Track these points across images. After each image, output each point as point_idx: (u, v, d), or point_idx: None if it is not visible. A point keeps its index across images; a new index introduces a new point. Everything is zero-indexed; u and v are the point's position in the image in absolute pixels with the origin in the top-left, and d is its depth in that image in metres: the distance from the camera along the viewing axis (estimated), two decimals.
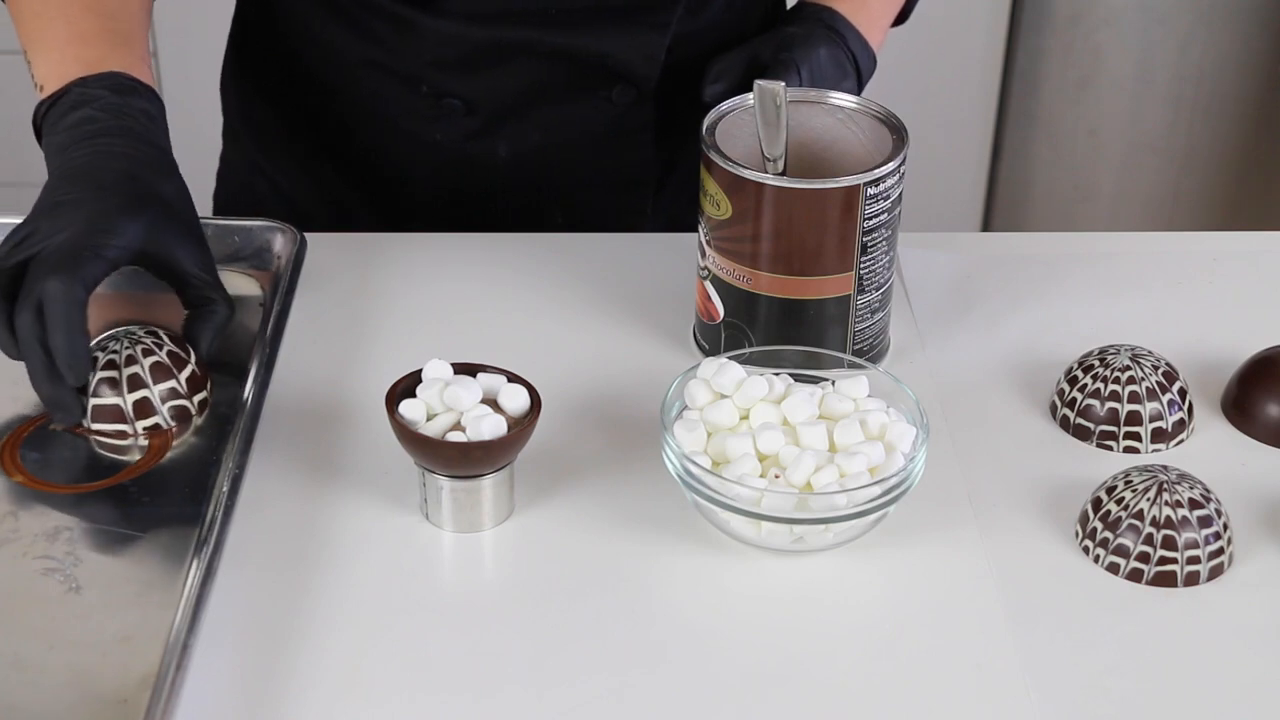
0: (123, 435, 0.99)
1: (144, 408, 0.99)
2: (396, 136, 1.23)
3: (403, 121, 1.21)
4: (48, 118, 1.04)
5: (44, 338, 0.95)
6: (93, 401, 0.98)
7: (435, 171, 1.23)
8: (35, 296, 0.95)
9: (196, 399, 1.00)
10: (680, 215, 1.24)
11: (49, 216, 0.98)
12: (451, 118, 1.20)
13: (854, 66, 1.20)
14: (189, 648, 0.83)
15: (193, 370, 1.00)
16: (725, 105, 1.05)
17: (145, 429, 0.99)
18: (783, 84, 1.00)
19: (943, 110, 2.51)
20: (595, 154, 1.23)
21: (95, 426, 0.99)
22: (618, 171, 1.24)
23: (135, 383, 0.98)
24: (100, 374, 0.98)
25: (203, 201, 1.33)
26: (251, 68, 1.29)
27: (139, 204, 1.00)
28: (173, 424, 0.99)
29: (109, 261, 0.97)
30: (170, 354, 1.00)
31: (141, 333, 1.00)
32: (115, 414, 0.98)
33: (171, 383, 0.99)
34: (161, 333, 1.01)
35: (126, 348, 0.99)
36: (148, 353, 0.99)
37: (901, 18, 1.28)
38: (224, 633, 0.86)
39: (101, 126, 1.02)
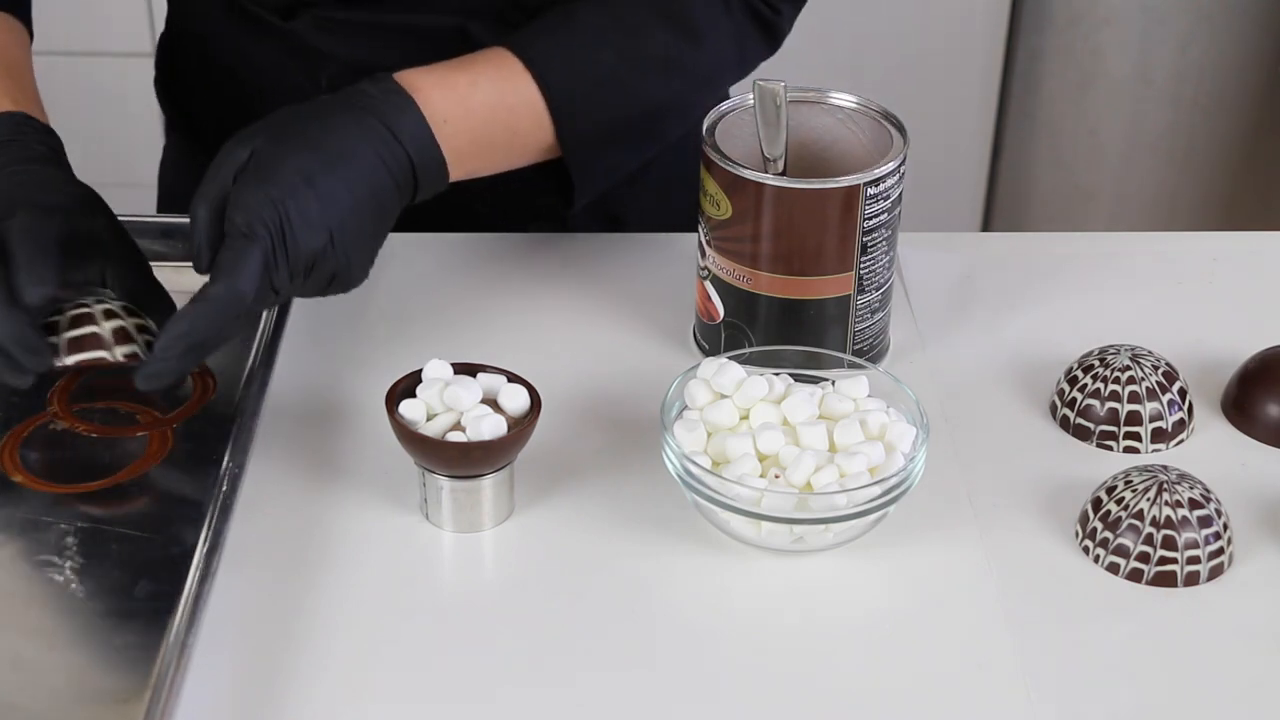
0: (103, 362, 0.97)
1: (122, 335, 0.97)
2: None
3: None
4: None
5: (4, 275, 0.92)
6: (68, 335, 0.96)
7: None
8: None
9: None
10: (651, 214, 1.23)
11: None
12: None
13: (404, 158, 1.00)
14: (189, 648, 0.83)
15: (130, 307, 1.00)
16: (725, 105, 1.05)
17: (125, 355, 0.97)
18: (783, 84, 1.00)
19: (943, 110, 2.51)
20: None
21: (71, 360, 0.96)
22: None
23: (110, 315, 0.98)
24: (73, 312, 0.97)
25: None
26: (180, 73, 1.29)
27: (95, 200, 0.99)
28: (147, 353, 0.96)
29: (78, 221, 0.95)
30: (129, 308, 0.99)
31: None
32: (94, 342, 0.97)
33: (141, 319, 0.98)
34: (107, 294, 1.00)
35: (97, 299, 0.98)
36: (113, 299, 0.99)
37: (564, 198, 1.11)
38: (224, 633, 0.86)
39: (12, 156, 1.00)
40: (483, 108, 1.04)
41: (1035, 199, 2.61)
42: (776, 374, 0.97)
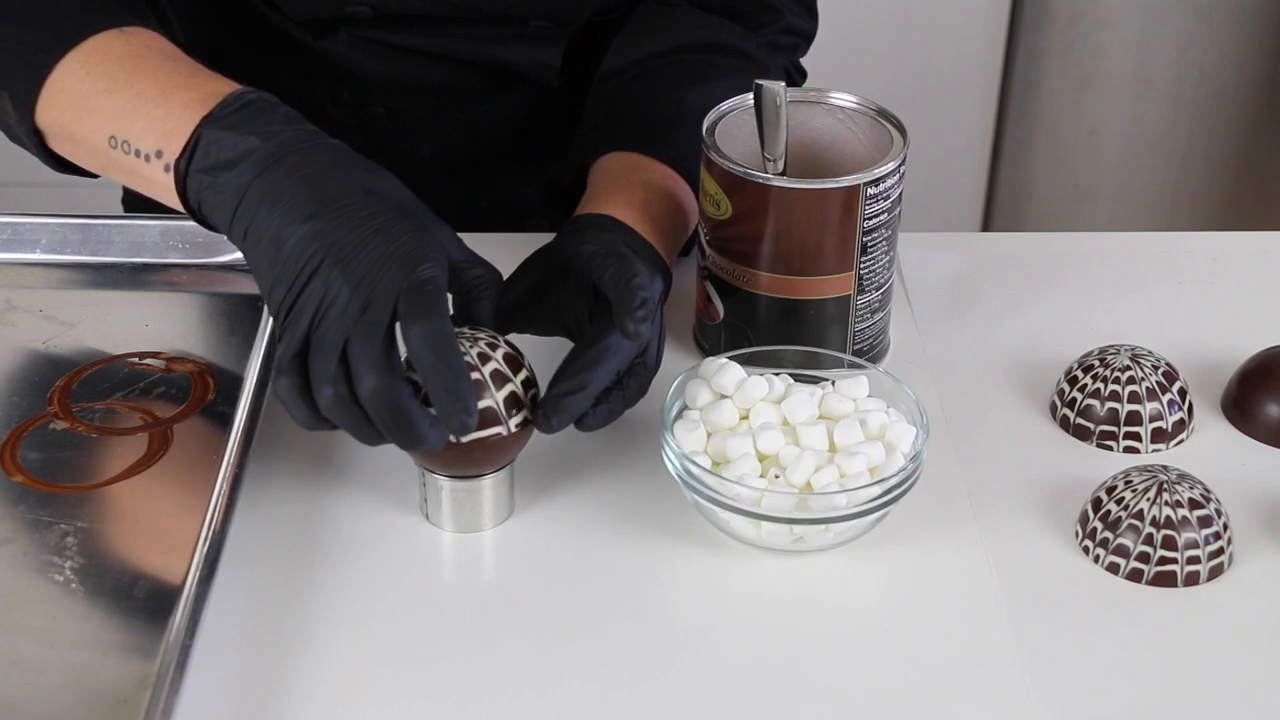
0: (496, 438, 0.90)
1: (513, 401, 0.90)
2: None
3: (324, 128, 1.22)
4: (191, 174, 0.91)
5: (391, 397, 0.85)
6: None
7: None
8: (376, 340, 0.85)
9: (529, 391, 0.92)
10: None
11: (331, 270, 0.85)
12: (374, 124, 1.22)
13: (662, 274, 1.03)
14: (189, 648, 0.83)
15: (507, 351, 0.91)
16: (725, 105, 1.05)
17: (517, 425, 0.90)
18: (783, 84, 1.00)
19: (943, 110, 2.51)
20: (516, 143, 1.25)
21: (467, 439, 0.89)
22: (539, 155, 1.25)
23: (500, 379, 0.90)
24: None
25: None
26: None
27: (403, 219, 0.87)
28: (532, 416, 0.91)
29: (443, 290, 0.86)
30: (490, 343, 0.91)
31: (466, 330, 0.91)
32: (491, 418, 0.89)
33: (525, 373, 0.91)
34: (468, 328, 0.92)
35: (471, 346, 0.90)
36: (492, 347, 0.90)
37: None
38: (224, 633, 0.86)
39: (270, 150, 0.90)
40: (664, 217, 1.05)
41: (1035, 199, 2.61)
42: (776, 374, 0.97)
